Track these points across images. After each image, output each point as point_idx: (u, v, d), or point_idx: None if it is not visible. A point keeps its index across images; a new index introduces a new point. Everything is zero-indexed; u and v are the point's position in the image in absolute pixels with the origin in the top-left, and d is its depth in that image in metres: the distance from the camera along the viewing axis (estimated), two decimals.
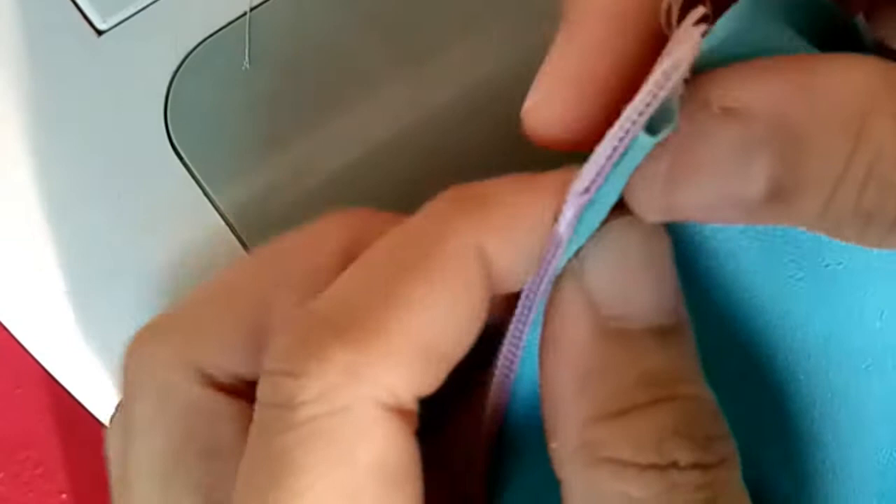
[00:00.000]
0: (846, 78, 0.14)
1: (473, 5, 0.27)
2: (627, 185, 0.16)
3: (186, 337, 0.19)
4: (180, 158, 0.25)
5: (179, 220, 0.26)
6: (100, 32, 0.26)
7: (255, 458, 0.16)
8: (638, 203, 0.16)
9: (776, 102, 0.14)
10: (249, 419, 0.17)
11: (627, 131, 0.15)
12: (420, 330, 0.15)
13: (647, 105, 0.14)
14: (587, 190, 0.16)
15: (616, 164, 0.15)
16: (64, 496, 0.34)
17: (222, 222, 0.25)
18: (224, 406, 0.18)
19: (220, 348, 0.18)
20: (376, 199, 0.26)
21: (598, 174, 0.15)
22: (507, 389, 0.18)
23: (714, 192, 0.15)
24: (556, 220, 0.16)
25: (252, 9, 0.26)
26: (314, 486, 0.15)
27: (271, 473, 0.15)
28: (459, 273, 0.16)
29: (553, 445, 0.16)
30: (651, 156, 0.15)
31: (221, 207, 0.25)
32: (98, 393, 0.26)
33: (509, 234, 0.16)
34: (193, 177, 0.25)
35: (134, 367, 0.19)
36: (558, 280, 0.17)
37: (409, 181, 0.26)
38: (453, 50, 0.26)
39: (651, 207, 0.16)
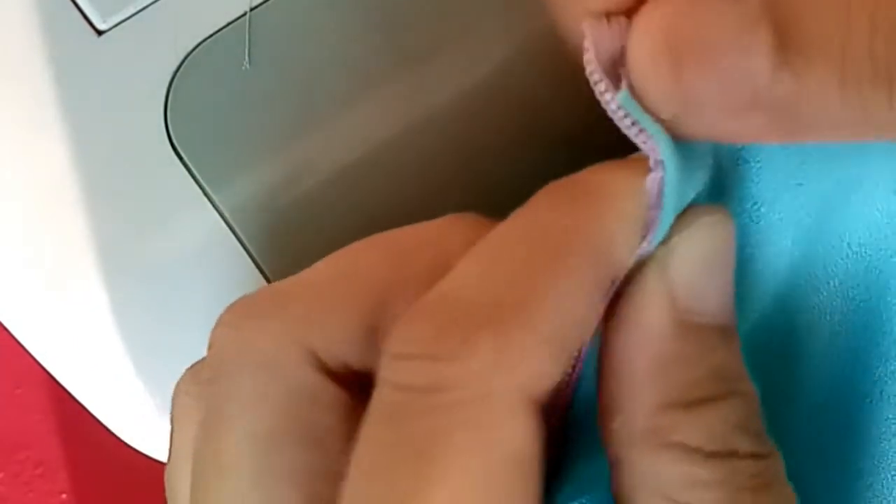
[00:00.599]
0: None
1: (474, 5, 0.27)
2: (635, 76, 0.16)
3: (303, 317, 0.18)
4: (180, 158, 0.25)
5: (179, 220, 0.26)
6: (100, 32, 0.26)
7: (383, 442, 0.15)
8: (649, 92, 0.16)
9: None
10: (352, 411, 0.17)
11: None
12: (560, 323, 0.16)
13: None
14: (655, 165, 0.16)
15: (655, 133, 0.16)
16: (64, 496, 0.34)
17: (222, 222, 0.25)
18: (332, 394, 0.18)
19: (339, 334, 0.18)
20: (377, 198, 0.26)
21: (651, 147, 0.16)
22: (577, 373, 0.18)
23: (721, 67, 0.15)
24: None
25: (252, 9, 0.26)
26: (453, 471, 0.14)
27: (405, 457, 0.15)
28: (592, 267, 0.16)
29: (614, 425, 0.17)
30: (651, 35, 0.15)
31: (221, 207, 0.25)
32: (98, 393, 0.26)
33: (626, 223, 0.16)
34: (193, 177, 0.25)
35: (234, 341, 0.18)
36: (643, 265, 0.17)
37: (410, 181, 0.26)
38: (453, 50, 0.26)
39: (663, 95, 0.16)
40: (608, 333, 0.17)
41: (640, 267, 0.17)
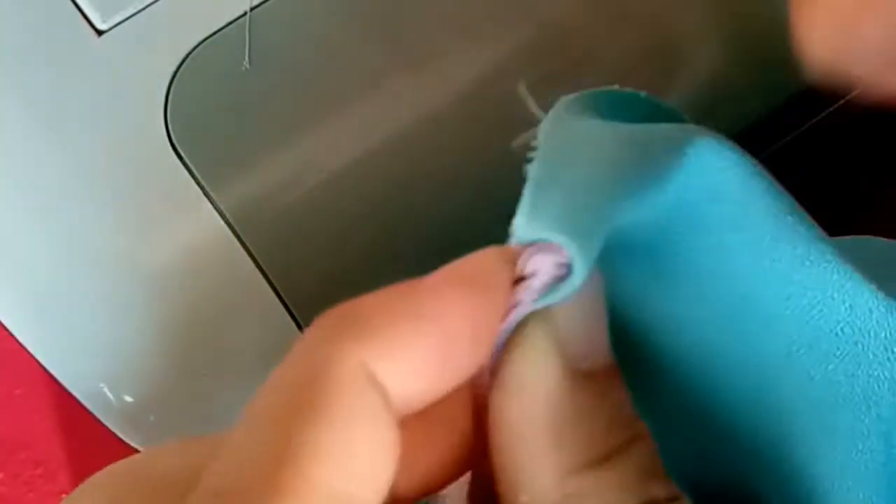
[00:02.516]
0: None
1: (473, 6, 0.27)
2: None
3: None
4: (180, 158, 0.26)
5: (179, 220, 0.26)
6: (100, 32, 0.26)
7: None
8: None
9: None
10: None
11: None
12: (336, 483, 0.13)
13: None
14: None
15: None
16: (64, 496, 0.34)
17: (222, 222, 0.25)
18: None
19: None
20: (376, 199, 0.26)
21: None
22: None
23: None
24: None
25: (252, 9, 0.26)
26: None
27: None
28: (358, 404, 0.14)
29: (524, 500, 0.16)
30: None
31: (221, 207, 0.25)
32: (98, 393, 0.26)
33: (396, 353, 0.15)
34: (193, 177, 0.25)
35: None
36: (521, 326, 0.16)
37: (409, 181, 0.26)
38: (453, 50, 0.26)
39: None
40: (495, 405, 0.16)
41: (518, 328, 0.16)
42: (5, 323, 0.26)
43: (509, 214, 0.18)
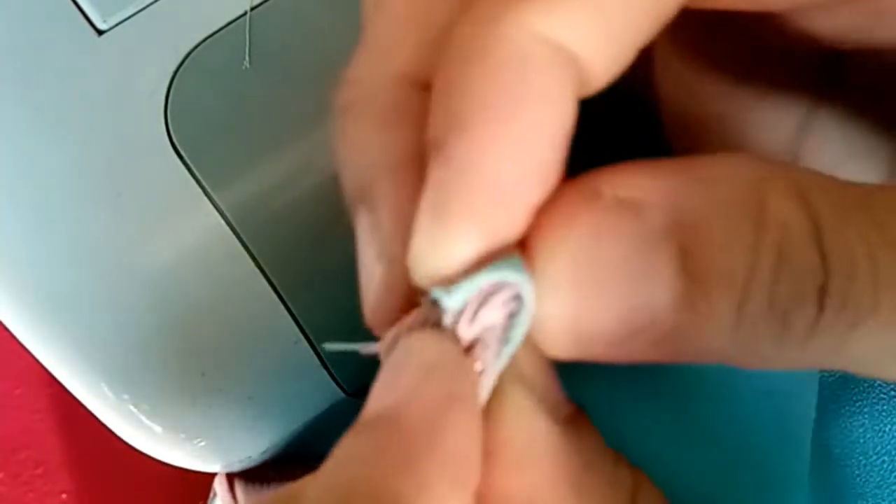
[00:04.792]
0: (734, 168, 0.13)
1: None
2: (535, 317, 0.14)
3: None
4: (180, 158, 0.26)
5: (179, 220, 0.26)
6: (100, 32, 0.26)
7: None
8: (547, 334, 0.14)
9: (671, 194, 0.13)
10: None
11: None
12: None
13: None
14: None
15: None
16: (64, 496, 0.34)
17: (222, 222, 0.25)
18: None
19: None
20: None
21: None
22: None
23: (621, 298, 0.13)
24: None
25: (252, 9, 0.26)
26: None
27: None
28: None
29: None
30: (554, 279, 0.14)
31: (221, 207, 0.25)
32: (98, 393, 0.26)
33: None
34: (193, 177, 0.25)
35: None
36: (494, 392, 0.14)
37: None
38: None
39: (559, 336, 0.14)
40: (499, 486, 0.14)
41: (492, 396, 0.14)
42: (5, 323, 0.26)
43: None
